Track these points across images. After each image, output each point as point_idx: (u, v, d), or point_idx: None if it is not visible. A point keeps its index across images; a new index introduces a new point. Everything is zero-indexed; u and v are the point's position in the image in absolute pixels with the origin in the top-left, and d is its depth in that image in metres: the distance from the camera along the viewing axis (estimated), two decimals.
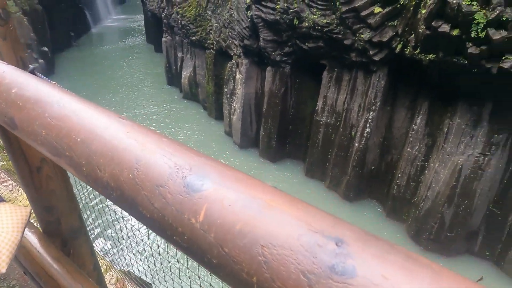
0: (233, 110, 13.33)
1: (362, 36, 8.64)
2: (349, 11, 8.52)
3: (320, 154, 10.86)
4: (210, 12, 14.63)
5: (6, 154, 3.91)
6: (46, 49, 20.17)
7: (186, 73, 17.45)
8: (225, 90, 13.86)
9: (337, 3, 8.68)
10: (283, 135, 11.95)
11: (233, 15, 12.54)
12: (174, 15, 17.31)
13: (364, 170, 9.83)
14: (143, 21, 25.77)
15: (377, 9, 8.14)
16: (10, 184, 2.31)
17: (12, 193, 2.26)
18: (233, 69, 13.41)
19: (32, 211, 1.00)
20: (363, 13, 8.29)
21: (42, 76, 0.86)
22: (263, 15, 10.42)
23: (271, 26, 10.52)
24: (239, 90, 12.76)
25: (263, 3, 10.28)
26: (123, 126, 0.43)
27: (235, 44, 13.00)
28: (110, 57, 23.83)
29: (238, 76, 12.96)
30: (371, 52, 8.63)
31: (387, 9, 8.07)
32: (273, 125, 11.79)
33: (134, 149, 0.39)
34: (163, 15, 19.43)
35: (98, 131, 0.41)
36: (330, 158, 10.60)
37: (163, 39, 19.54)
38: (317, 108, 10.66)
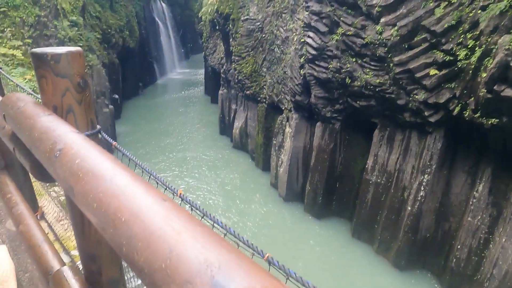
0: (280, 162, 13.37)
1: (416, 96, 8.47)
2: (403, 72, 8.48)
3: (369, 215, 10.29)
4: (265, 69, 15.43)
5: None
6: (117, 96, 22.39)
7: (238, 124, 18.13)
8: (274, 142, 14.07)
9: (391, 64, 8.71)
10: (330, 191, 11.61)
11: (286, 72, 13.08)
12: (232, 70, 18.48)
13: (417, 236, 9.07)
14: (203, 75, 27.79)
15: (433, 71, 8.02)
16: (65, 223, 2.47)
17: (67, 232, 2.40)
18: (283, 122, 13.69)
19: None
20: (418, 75, 8.20)
21: (106, 136, 0.95)
22: (315, 74, 10.73)
23: (323, 84, 10.76)
24: (287, 143, 12.88)
25: (316, 62, 10.64)
26: (163, 209, 0.44)
27: (286, 99, 13.39)
28: (171, 105, 25.70)
29: (288, 129, 13.16)
30: (426, 113, 8.37)
31: (443, 71, 7.91)
32: (320, 181, 11.55)
33: (169, 238, 0.40)
34: (222, 70, 20.89)
35: (140, 213, 0.43)
36: (380, 220, 9.99)
37: (220, 91, 20.81)
38: (367, 166, 10.32)
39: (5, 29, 13.24)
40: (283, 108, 13.81)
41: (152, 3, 30.96)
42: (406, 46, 8.36)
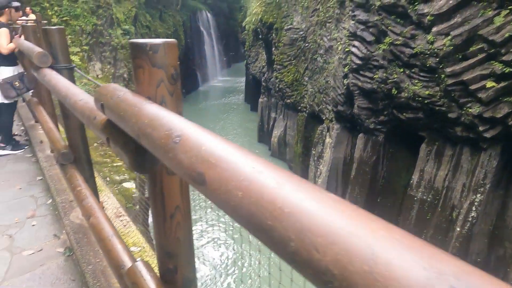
0: (319, 173, 13.11)
1: (470, 110, 7.96)
2: (456, 84, 8.01)
3: (412, 233, 9.73)
4: (306, 78, 15.30)
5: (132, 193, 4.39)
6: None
7: (277, 132, 18.07)
8: (313, 152, 13.83)
9: (442, 75, 8.28)
10: (371, 205, 11.16)
11: (329, 82, 12.87)
12: (273, 79, 18.54)
13: (466, 260, 8.39)
14: (244, 83, 28.18)
15: (489, 83, 7.50)
16: (125, 219, 2.51)
17: (126, 228, 2.44)
18: (324, 132, 13.44)
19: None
20: (473, 87, 7.70)
21: None
22: (359, 84, 10.45)
23: (367, 94, 10.45)
24: (327, 154, 12.61)
25: (361, 72, 10.37)
26: (341, 205, 0.38)
27: (328, 109, 13.15)
28: (212, 111, 26.23)
29: (328, 140, 12.89)
30: (481, 128, 7.82)
31: (502, 84, 7.37)
32: (360, 194, 11.15)
33: (364, 235, 0.34)
34: (262, 79, 21.04)
35: (309, 205, 0.37)
36: (425, 239, 9.41)
37: (260, 99, 20.94)
38: (411, 181, 9.82)
39: (66, 37, 14.15)
40: (323, 118, 13.58)
41: (198, 13, 32.01)
42: (460, 57, 7.91)
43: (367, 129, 10.86)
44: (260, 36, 20.71)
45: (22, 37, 3.84)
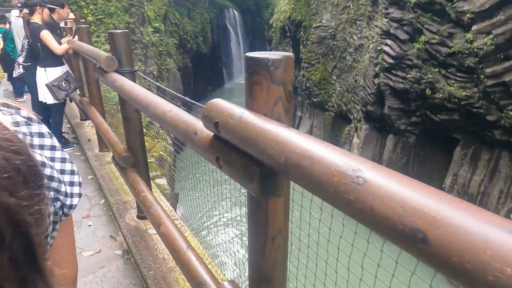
0: None
1: (511, 113, 7.60)
2: (496, 85, 7.66)
3: None
4: (334, 77, 15.05)
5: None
6: (187, 98, 23.50)
7: (302, 131, 17.92)
8: None
9: (481, 76, 7.92)
10: None
11: (358, 81, 12.60)
12: (300, 77, 18.36)
13: None
14: None
15: None
16: (179, 222, 2.54)
17: (183, 232, 2.47)
18: (351, 132, 13.20)
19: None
20: None
21: None
22: (391, 83, 10.18)
23: (399, 94, 10.16)
24: (354, 154, 12.39)
25: (393, 71, 10.08)
26: None
27: (356, 109, 12.90)
28: None
29: (356, 140, 12.66)
30: None
31: None
32: None
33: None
34: None
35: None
36: None
37: None
38: (444, 185, 9.50)
39: (100, 34, 14.53)
40: (351, 118, 13.33)
41: (226, 11, 32.08)
42: (502, 57, 7.55)
43: (398, 130, 10.57)
44: (287, 34, 20.54)
45: (76, 37, 3.94)
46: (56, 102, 4.06)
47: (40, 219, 0.38)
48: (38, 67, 3.99)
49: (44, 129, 0.53)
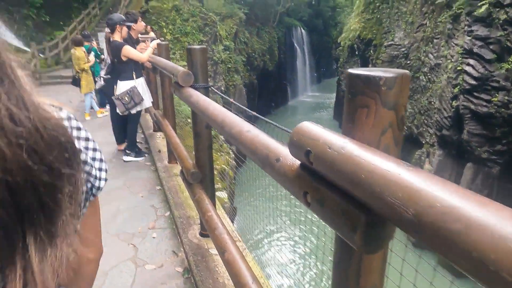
0: None
1: None
2: None
3: None
4: None
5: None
6: (252, 113, 23.94)
7: None
8: None
9: None
10: None
11: (432, 103, 11.65)
12: None
13: None
14: (334, 100, 27.46)
15: None
16: (241, 245, 2.42)
17: (245, 256, 2.34)
18: (422, 158, 12.16)
19: None
20: None
21: None
22: (472, 107, 9.19)
23: (481, 119, 9.12)
24: None
25: (475, 94, 9.11)
26: None
27: (429, 133, 11.89)
28: None
29: (427, 166, 11.61)
30: None
31: None
32: None
33: None
34: None
35: None
36: None
37: None
38: None
39: (176, 52, 15.50)
40: (423, 142, 12.30)
41: (294, 29, 32.43)
42: None
43: (478, 158, 9.45)
44: (356, 53, 20.00)
45: (150, 47, 4.15)
46: (131, 113, 4.27)
47: (74, 197, 0.44)
48: (117, 81, 4.27)
49: (81, 124, 0.63)
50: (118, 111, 4.25)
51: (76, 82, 7.05)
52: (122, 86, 4.18)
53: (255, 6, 27.77)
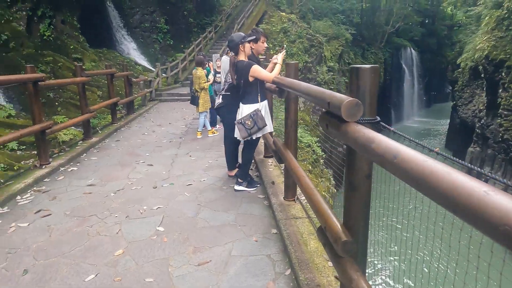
0: None
1: None
2: None
3: None
4: None
5: None
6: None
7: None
8: None
9: None
10: None
11: None
12: (494, 126, 14.75)
13: None
14: (446, 126, 24.05)
15: None
16: None
17: None
18: None
19: None
20: None
21: None
22: None
23: None
24: None
25: None
26: None
27: None
28: None
29: None
30: None
31: None
32: None
33: None
34: (477, 125, 17.15)
35: None
36: None
37: (470, 148, 17.05)
38: None
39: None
40: None
41: (402, 50, 29.84)
42: None
43: None
44: (481, 75, 17.07)
45: (277, 66, 3.67)
46: (248, 138, 3.81)
47: None
48: (240, 104, 3.85)
49: None
50: (238, 136, 3.82)
51: (194, 101, 7.17)
52: (246, 110, 3.76)
53: (362, 26, 26.45)
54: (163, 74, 15.22)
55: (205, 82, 6.85)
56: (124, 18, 20.37)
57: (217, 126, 7.77)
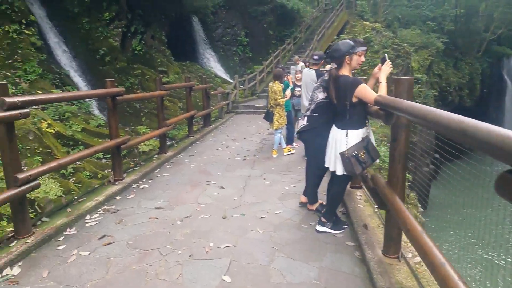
0: None
1: None
2: None
3: None
4: None
5: None
6: (437, 155, 19.82)
7: None
8: None
9: None
10: None
11: None
12: None
13: None
14: None
15: None
16: None
17: None
18: None
19: None
20: None
21: None
22: None
23: None
24: None
25: None
26: None
27: None
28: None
29: None
30: None
31: None
32: None
33: None
34: None
35: None
36: None
37: None
38: None
39: None
40: None
41: (505, 59, 25.71)
42: None
43: None
44: None
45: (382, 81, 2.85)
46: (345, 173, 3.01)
47: None
48: (335, 128, 3.06)
49: None
50: (345, 172, 2.95)
51: (268, 116, 6.54)
52: (354, 138, 2.94)
53: (456, 34, 23.45)
54: (241, 86, 15.17)
55: (281, 98, 6.25)
56: (207, 32, 21.17)
57: (294, 144, 7.10)
